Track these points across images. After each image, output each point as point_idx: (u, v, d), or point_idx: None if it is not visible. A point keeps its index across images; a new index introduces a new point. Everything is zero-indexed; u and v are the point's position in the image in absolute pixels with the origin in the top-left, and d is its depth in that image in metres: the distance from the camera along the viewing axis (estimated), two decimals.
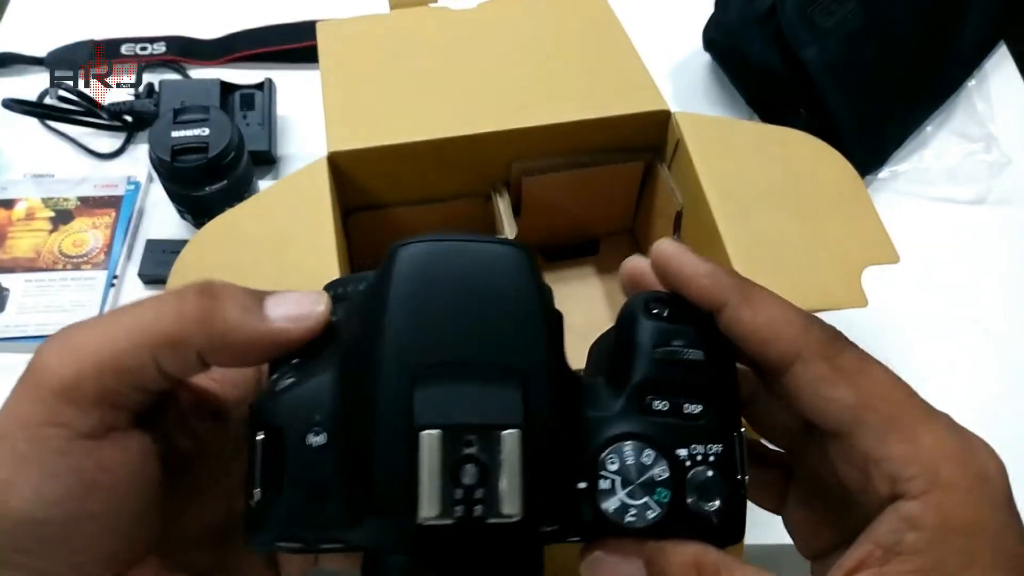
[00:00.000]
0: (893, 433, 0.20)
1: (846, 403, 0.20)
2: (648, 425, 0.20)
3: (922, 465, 0.19)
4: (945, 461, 0.19)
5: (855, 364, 0.21)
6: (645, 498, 0.20)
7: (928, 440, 0.20)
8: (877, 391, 0.20)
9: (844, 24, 0.57)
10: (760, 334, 0.21)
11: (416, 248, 0.19)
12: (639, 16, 0.55)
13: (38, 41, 0.69)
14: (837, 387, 0.20)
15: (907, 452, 0.19)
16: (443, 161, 0.46)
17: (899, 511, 0.19)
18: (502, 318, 0.19)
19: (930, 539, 0.18)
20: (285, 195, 0.43)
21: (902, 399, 0.20)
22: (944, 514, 0.19)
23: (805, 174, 0.44)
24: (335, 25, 0.50)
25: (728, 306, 0.21)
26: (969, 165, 0.63)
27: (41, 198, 0.60)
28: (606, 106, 0.46)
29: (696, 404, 0.20)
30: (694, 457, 0.20)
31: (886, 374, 0.21)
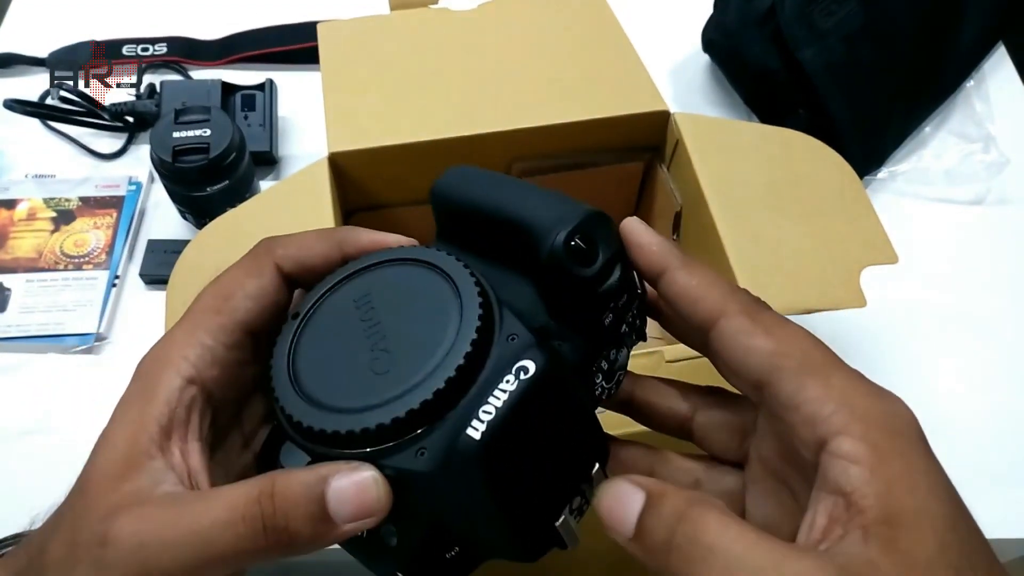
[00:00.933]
0: (808, 377, 0.21)
1: (764, 351, 0.21)
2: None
3: (838, 400, 0.20)
4: (859, 396, 0.20)
5: (773, 320, 0.22)
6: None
7: (839, 381, 0.21)
8: (792, 341, 0.22)
9: (843, 25, 0.57)
10: (691, 293, 0.23)
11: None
12: (638, 17, 0.55)
13: (39, 42, 0.69)
14: (756, 337, 0.22)
15: (822, 392, 0.20)
16: (444, 161, 0.46)
17: (832, 452, 0.20)
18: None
19: (871, 469, 0.19)
20: (286, 195, 0.43)
21: (814, 349, 0.22)
22: (872, 442, 0.19)
23: (804, 175, 0.44)
24: (336, 26, 0.51)
25: (668, 270, 0.24)
26: (968, 165, 0.63)
27: (43, 198, 0.60)
28: (606, 107, 0.46)
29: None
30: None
31: (801, 330, 0.22)
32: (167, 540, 0.20)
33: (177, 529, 0.20)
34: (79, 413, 0.51)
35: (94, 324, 0.54)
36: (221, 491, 0.20)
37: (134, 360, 0.55)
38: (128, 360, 0.53)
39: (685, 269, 0.23)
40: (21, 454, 0.49)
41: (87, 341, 0.53)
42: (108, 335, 0.54)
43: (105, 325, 0.54)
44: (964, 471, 0.53)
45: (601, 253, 0.23)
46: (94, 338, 0.53)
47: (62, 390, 0.52)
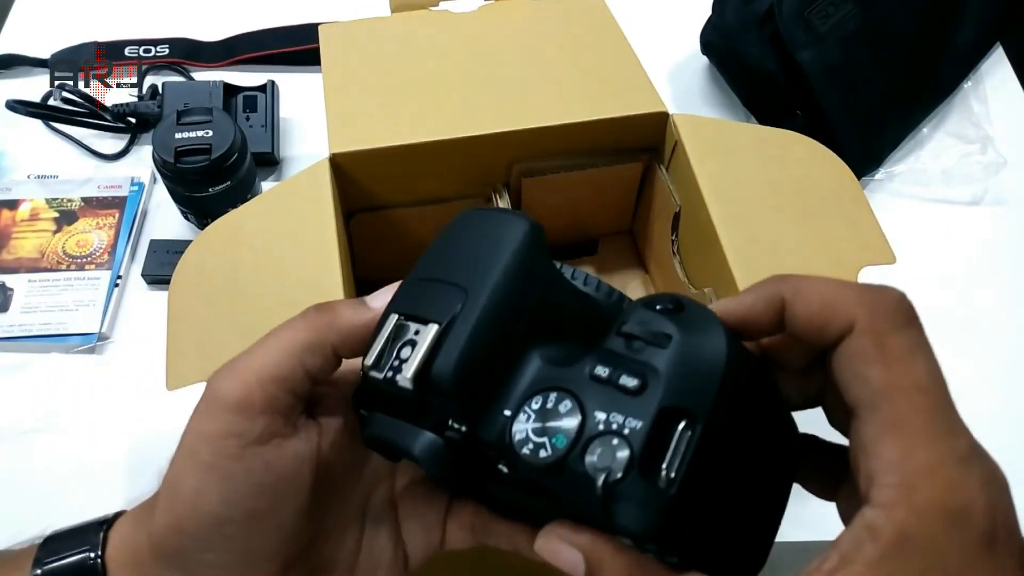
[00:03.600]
0: (895, 432, 0.19)
1: (872, 384, 0.19)
2: (583, 384, 0.21)
3: (902, 476, 0.18)
4: (930, 482, 0.18)
5: (902, 348, 0.19)
6: (545, 438, 0.21)
7: (923, 455, 0.18)
8: (907, 385, 0.19)
9: (841, 27, 0.58)
10: (818, 319, 0.20)
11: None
12: (637, 19, 0.55)
13: (42, 43, 0.70)
14: (872, 366, 0.19)
15: (896, 457, 0.18)
16: (444, 162, 0.47)
17: (865, 517, 0.18)
18: (476, 257, 0.24)
19: (882, 554, 0.18)
20: (287, 196, 0.43)
21: (926, 403, 0.19)
22: (904, 533, 0.18)
23: (802, 176, 0.44)
24: (337, 28, 0.51)
25: (785, 305, 0.21)
26: (965, 166, 0.63)
27: (45, 199, 0.61)
28: (605, 108, 0.46)
29: (635, 379, 0.20)
30: (609, 424, 0.20)
31: (929, 371, 0.20)
32: (254, 356, 0.23)
33: (258, 347, 0.24)
34: (82, 413, 0.51)
35: (96, 324, 0.54)
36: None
37: (136, 360, 0.55)
38: (130, 360, 0.54)
39: (799, 298, 0.21)
40: (24, 454, 0.49)
41: (89, 341, 0.53)
42: (110, 335, 0.54)
43: (107, 325, 0.54)
44: None
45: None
46: (96, 338, 0.54)
47: (64, 390, 0.52)
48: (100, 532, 0.25)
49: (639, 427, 0.19)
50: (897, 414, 0.19)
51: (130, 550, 0.24)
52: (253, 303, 0.39)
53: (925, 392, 0.19)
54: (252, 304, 0.39)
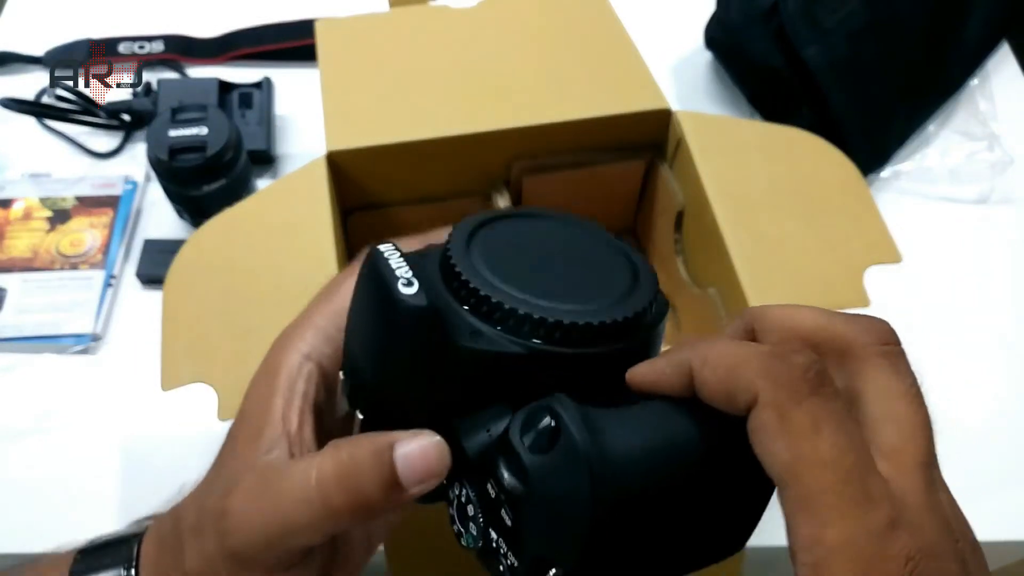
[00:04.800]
0: (804, 510, 0.18)
1: (779, 461, 0.19)
2: (482, 481, 0.21)
3: (815, 556, 0.18)
4: (841, 562, 0.17)
5: (804, 423, 0.19)
6: (462, 529, 0.22)
7: (833, 533, 0.18)
8: (812, 461, 0.18)
9: (847, 22, 0.57)
10: (724, 388, 0.20)
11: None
12: (640, 14, 0.55)
13: (36, 40, 0.69)
14: (776, 441, 0.19)
15: (807, 536, 0.18)
16: (443, 160, 0.46)
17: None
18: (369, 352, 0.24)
19: None
20: (284, 194, 0.42)
21: (833, 479, 0.18)
22: None
23: (807, 173, 0.44)
24: (334, 23, 0.50)
25: (694, 374, 0.20)
26: (972, 164, 0.63)
27: (39, 198, 0.60)
28: (607, 105, 0.45)
29: (508, 517, 0.20)
30: (498, 548, 0.21)
31: (834, 444, 0.18)
32: (256, 518, 0.22)
33: (263, 507, 0.22)
34: (76, 414, 0.50)
35: (90, 324, 0.53)
36: (300, 465, 0.23)
37: (130, 360, 0.54)
38: (124, 360, 0.53)
39: (705, 367, 0.20)
40: (17, 455, 0.49)
41: (83, 341, 0.53)
42: (104, 335, 0.54)
43: (101, 325, 0.54)
44: (966, 472, 0.53)
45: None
46: (90, 338, 0.53)
47: (58, 391, 0.52)
48: (134, 546, 0.25)
49: (517, 566, 0.20)
50: (804, 491, 0.18)
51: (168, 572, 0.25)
52: (248, 303, 0.38)
53: (831, 467, 0.18)
54: (247, 304, 0.38)
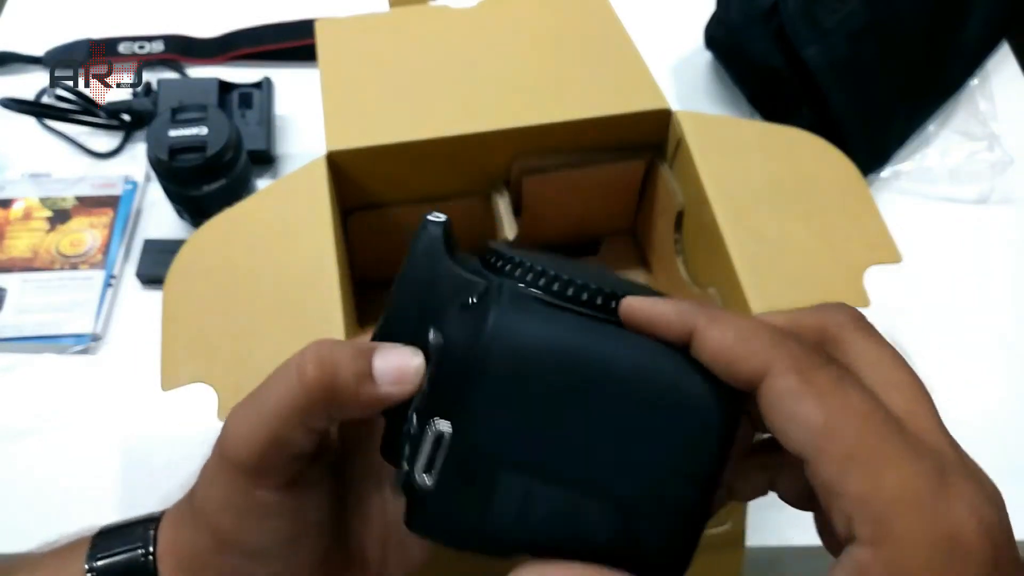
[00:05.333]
0: (854, 467, 0.18)
1: (811, 422, 0.18)
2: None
3: (876, 511, 0.17)
4: (906, 510, 0.17)
5: (831, 382, 0.18)
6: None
7: (891, 482, 0.17)
8: (848, 415, 0.18)
9: (847, 22, 0.57)
10: (729, 352, 0.19)
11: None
12: (640, 14, 0.55)
13: (36, 40, 0.69)
14: (804, 402, 0.18)
15: (863, 492, 0.17)
16: (443, 160, 0.46)
17: (852, 555, 0.17)
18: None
19: None
20: (283, 194, 0.42)
21: (875, 429, 0.18)
22: (895, 567, 0.17)
23: (807, 173, 0.44)
24: (334, 23, 0.50)
25: (696, 329, 0.20)
26: (972, 164, 0.63)
27: (39, 198, 0.60)
28: (607, 105, 0.45)
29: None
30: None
31: (865, 398, 0.18)
32: (243, 420, 0.23)
33: (249, 408, 0.23)
34: (75, 414, 0.50)
35: (90, 324, 0.53)
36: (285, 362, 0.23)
37: (130, 361, 0.55)
38: (124, 360, 0.53)
39: (714, 326, 0.20)
40: (17, 455, 0.49)
41: (83, 342, 0.53)
42: (104, 335, 0.54)
43: (101, 325, 0.54)
44: None
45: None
46: (90, 339, 0.53)
47: (58, 391, 0.51)
48: (151, 528, 0.26)
49: (415, 429, 0.21)
50: (848, 446, 0.18)
51: (178, 552, 0.25)
52: (248, 303, 0.38)
53: (869, 418, 0.18)
54: (247, 304, 0.38)
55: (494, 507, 0.20)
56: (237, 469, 0.23)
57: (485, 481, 0.20)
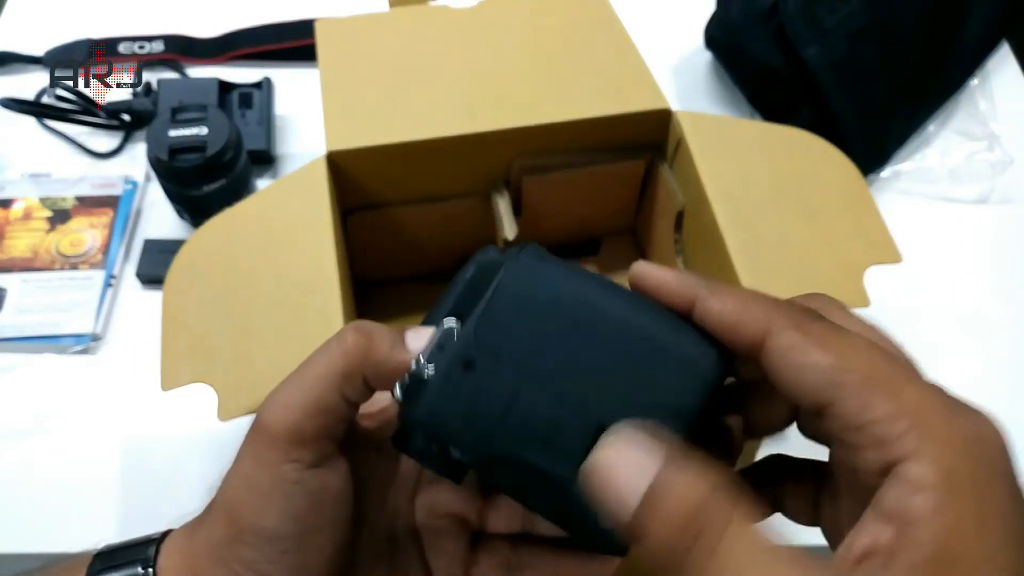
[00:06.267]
0: (875, 392, 0.18)
1: (821, 367, 0.19)
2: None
3: (912, 419, 0.18)
4: (936, 414, 0.18)
5: (828, 330, 0.20)
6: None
7: (914, 395, 0.18)
8: (854, 352, 0.19)
9: (847, 22, 0.57)
10: (730, 317, 0.21)
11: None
12: (640, 14, 0.55)
13: (36, 40, 0.69)
14: (810, 352, 0.19)
15: (893, 409, 0.18)
16: (443, 160, 0.46)
17: (899, 476, 0.17)
18: None
19: (939, 500, 0.17)
20: (283, 194, 0.42)
21: (882, 359, 0.19)
22: (946, 469, 0.17)
23: (807, 173, 0.44)
24: (334, 23, 0.50)
25: (698, 299, 0.22)
26: (972, 164, 0.63)
27: (39, 198, 0.60)
28: (607, 105, 0.45)
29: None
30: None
31: (863, 338, 0.20)
32: (282, 390, 0.24)
33: (290, 383, 0.24)
34: (75, 414, 0.50)
35: (90, 324, 0.53)
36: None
37: (130, 361, 0.54)
38: (124, 360, 0.53)
39: (715, 296, 0.22)
40: (17, 456, 0.49)
41: (83, 342, 0.53)
42: (104, 335, 0.54)
43: (101, 325, 0.54)
44: None
45: None
46: (90, 339, 0.53)
47: (58, 391, 0.51)
48: (151, 547, 0.26)
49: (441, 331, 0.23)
50: (863, 375, 0.18)
51: (185, 558, 0.25)
52: (248, 303, 0.38)
53: (875, 351, 0.19)
54: (247, 304, 0.38)
55: (483, 400, 0.22)
56: (270, 439, 0.23)
57: (481, 372, 0.22)
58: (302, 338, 0.36)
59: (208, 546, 0.24)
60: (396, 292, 0.53)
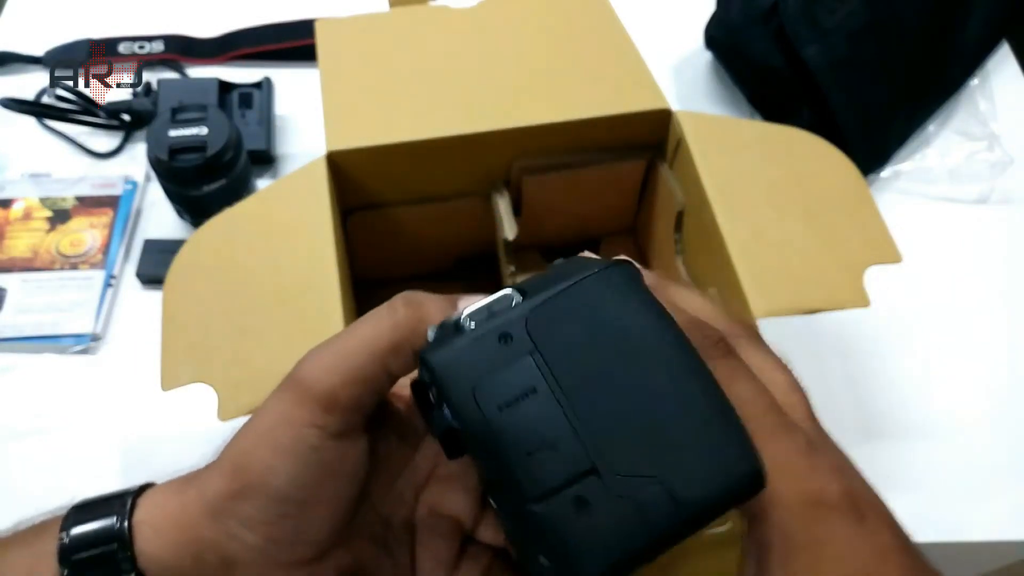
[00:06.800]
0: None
1: None
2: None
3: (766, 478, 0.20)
4: (783, 476, 0.20)
5: (728, 371, 0.21)
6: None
7: (770, 452, 0.20)
8: (750, 396, 0.21)
9: (847, 22, 0.57)
10: None
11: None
12: (640, 14, 0.55)
13: (36, 40, 0.69)
14: None
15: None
16: (443, 160, 0.46)
17: (753, 536, 0.20)
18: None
19: (779, 560, 0.19)
20: (283, 194, 0.42)
21: (759, 411, 0.21)
22: (784, 532, 0.19)
23: (807, 173, 0.44)
24: (334, 23, 0.50)
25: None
26: (972, 164, 0.63)
27: (39, 198, 0.60)
28: (607, 105, 0.45)
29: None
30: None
31: (752, 386, 0.21)
32: (341, 352, 0.23)
33: (334, 341, 0.24)
34: (76, 414, 0.50)
35: (90, 324, 0.53)
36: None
37: (130, 361, 0.54)
38: (124, 360, 0.53)
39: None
40: (17, 456, 0.49)
41: (83, 342, 0.53)
42: (104, 335, 0.54)
43: (101, 325, 0.54)
44: (967, 472, 0.53)
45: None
46: (90, 339, 0.53)
47: (58, 391, 0.51)
48: (128, 499, 0.25)
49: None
50: (745, 423, 0.21)
51: (171, 512, 0.25)
52: (248, 303, 0.38)
53: (753, 403, 0.21)
54: (247, 304, 0.38)
55: (499, 379, 0.21)
56: (302, 398, 0.23)
57: (511, 354, 0.21)
58: (302, 338, 0.36)
59: (203, 500, 0.24)
60: (396, 292, 0.52)
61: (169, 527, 0.24)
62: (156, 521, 0.24)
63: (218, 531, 0.23)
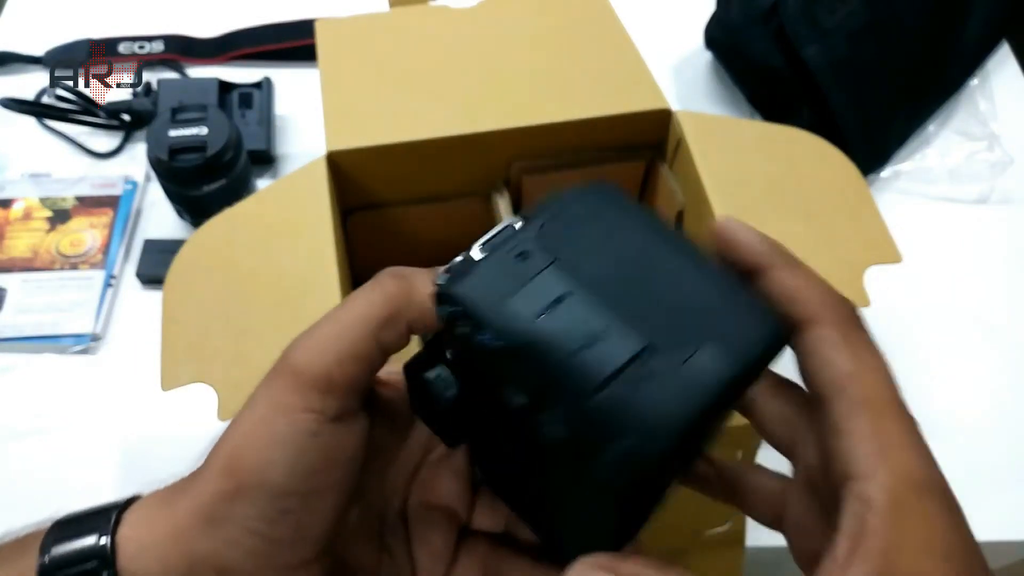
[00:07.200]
0: (865, 410, 0.21)
1: (840, 368, 0.21)
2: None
3: (878, 445, 0.20)
4: (899, 452, 0.20)
5: (864, 343, 0.22)
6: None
7: (892, 427, 0.20)
8: (871, 371, 0.21)
9: (847, 22, 0.57)
10: (790, 293, 0.22)
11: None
12: (640, 14, 0.55)
13: (36, 40, 0.69)
14: (840, 352, 0.21)
15: (870, 431, 0.20)
16: (443, 160, 0.46)
17: (854, 491, 0.20)
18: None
19: (884, 523, 0.19)
20: (283, 194, 0.42)
21: (887, 387, 0.21)
22: (896, 497, 0.19)
23: (807, 173, 0.44)
24: (334, 23, 0.50)
25: (773, 267, 0.23)
26: (972, 164, 0.63)
27: (39, 198, 0.60)
28: (607, 105, 0.45)
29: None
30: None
31: (886, 366, 0.22)
32: (333, 332, 0.23)
33: (322, 323, 0.23)
34: (75, 414, 0.50)
35: (90, 324, 0.53)
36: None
37: (130, 361, 0.54)
38: (124, 360, 0.53)
39: (788, 268, 0.23)
40: (17, 456, 0.49)
41: (83, 342, 0.53)
42: (104, 335, 0.54)
43: (101, 325, 0.54)
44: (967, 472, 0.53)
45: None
46: (90, 339, 0.53)
47: (58, 391, 0.52)
48: (112, 515, 0.24)
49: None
50: (866, 392, 0.21)
51: (159, 525, 0.23)
52: (248, 303, 0.38)
53: (885, 376, 0.22)
54: (247, 304, 0.38)
55: (528, 290, 0.21)
56: (296, 383, 0.22)
57: (532, 265, 0.21)
58: None
59: (197, 507, 0.22)
60: None
61: (157, 542, 0.23)
62: (142, 536, 0.23)
63: (214, 540, 0.22)
